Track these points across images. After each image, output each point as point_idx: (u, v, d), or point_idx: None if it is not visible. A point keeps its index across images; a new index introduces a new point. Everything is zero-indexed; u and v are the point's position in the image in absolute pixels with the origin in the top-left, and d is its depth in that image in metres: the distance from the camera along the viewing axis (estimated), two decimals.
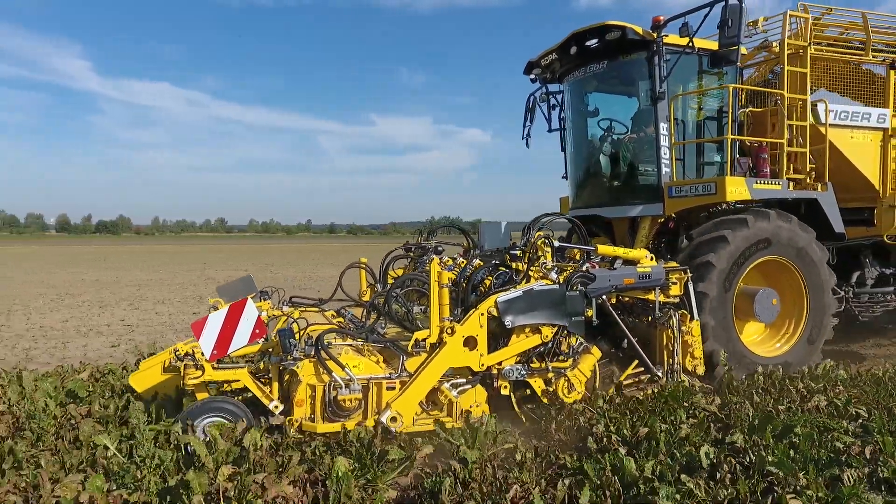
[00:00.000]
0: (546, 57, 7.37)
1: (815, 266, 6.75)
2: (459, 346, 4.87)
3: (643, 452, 3.88)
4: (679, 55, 6.57)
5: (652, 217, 6.99)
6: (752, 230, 6.37)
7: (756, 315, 6.50)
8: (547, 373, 5.15)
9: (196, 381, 4.47)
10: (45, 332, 11.46)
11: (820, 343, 6.82)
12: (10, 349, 9.83)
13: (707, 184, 6.52)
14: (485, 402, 5.05)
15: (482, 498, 3.32)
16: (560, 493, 3.31)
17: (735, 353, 6.28)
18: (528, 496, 3.27)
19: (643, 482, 3.38)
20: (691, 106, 7.46)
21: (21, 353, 9.52)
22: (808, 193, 6.95)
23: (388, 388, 4.74)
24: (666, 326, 5.87)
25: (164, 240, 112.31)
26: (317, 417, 4.56)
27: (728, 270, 6.25)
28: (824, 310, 6.82)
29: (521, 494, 3.30)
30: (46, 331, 11.66)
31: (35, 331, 11.68)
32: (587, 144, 7.72)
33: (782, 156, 6.81)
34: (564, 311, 5.15)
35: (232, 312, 4.54)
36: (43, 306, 15.42)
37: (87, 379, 5.92)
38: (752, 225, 6.37)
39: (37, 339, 10.81)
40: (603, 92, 7.58)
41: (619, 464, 3.56)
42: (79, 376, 5.95)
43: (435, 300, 4.97)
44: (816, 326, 6.80)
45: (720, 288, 6.21)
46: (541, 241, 5.38)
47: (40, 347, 10.00)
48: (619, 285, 5.56)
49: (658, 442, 4.00)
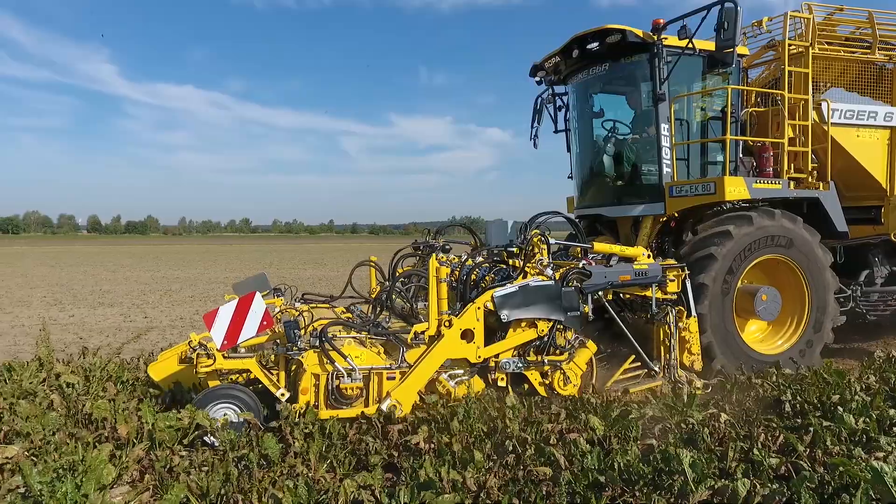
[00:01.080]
0: (549, 60, 7.55)
1: (818, 267, 6.82)
2: (457, 339, 5.10)
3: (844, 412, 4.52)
4: (678, 57, 6.69)
5: (654, 216, 7.12)
6: (755, 227, 6.48)
7: (757, 312, 6.59)
8: (543, 366, 5.35)
9: (208, 369, 4.76)
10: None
11: (820, 343, 6.88)
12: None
13: (707, 183, 6.63)
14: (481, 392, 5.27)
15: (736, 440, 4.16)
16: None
17: (733, 348, 6.39)
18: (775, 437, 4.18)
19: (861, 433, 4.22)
20: (696, 106, 7.58)
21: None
22: (809, 192, 7.01)
23: (389, 377, 4.98)
24: (663, 323, 6.02)
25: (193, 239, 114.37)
26: (320, 405, 4.82)
27: (729, 265, 6.37)
28: (826, 310, 6.88)
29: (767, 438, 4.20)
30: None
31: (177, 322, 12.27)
32: (591, 145, 7.87)
33: (783, 155, 6.89)
34: (560, 307, 5.34)
35: (241, 305, 4.82)
36: (160, 301, 16.09)
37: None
38: (755, 222, 6.48)
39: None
40: (606, 93, 7.72)
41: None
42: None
43: (433, 295, 5.21)
44: (818, 326, 6.87)
45: (720, 282, 6.33)
46: (537, 238, 5.57)
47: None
48: (615, 282, 5.72)
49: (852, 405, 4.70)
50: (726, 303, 6.42)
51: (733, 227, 6.40)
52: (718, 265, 6.30)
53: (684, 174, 7.14)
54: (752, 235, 6.47)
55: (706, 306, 6.24)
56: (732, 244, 6.36)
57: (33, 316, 13.36)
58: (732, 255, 6.39)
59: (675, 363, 5.98)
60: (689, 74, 7.22)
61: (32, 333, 10.61)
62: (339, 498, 3.39)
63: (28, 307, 14.98)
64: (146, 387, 5.59)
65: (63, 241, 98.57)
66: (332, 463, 3.95)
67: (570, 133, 8.28)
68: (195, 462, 3.93)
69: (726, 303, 6.42)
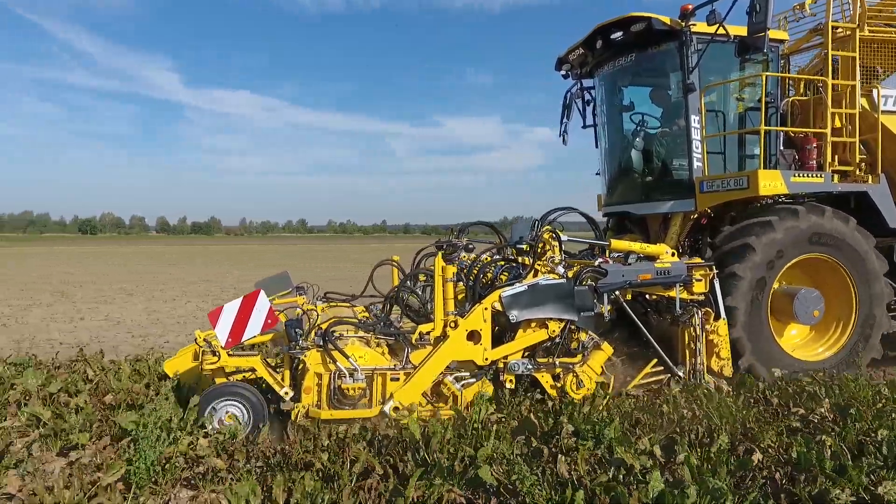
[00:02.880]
0: (573, 52, 7.29)
1: (871, 275, 6.33)
2: (462, 340, 4.97)
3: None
4: (707, 44, 6.31)
5: (684, 213, 6.76)
6: (801, 222, 6.09)
7: (795, 315, 6.14)
8: (555, 368, 5.14)
9: (212, 366, 4.81)
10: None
11: (868, 354, 6.36)
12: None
13: (739, 178, 6.24)
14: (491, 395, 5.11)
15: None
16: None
17: (766, 349, 5.99)
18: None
19: None
20: (734, 97, 7.15)
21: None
22: (855, 186, 6.49)
23: (393, 378, 4.90)
24: (688, 325, 5.70)
25: (254, 239, 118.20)
26: (322, 405, 4.79)
27: (768, 259, 5.97)
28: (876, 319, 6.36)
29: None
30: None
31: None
32: (618, 139, 7.56)
33: (826, 147, 6.40)
34: (572, 306, 5.12)
35: (245, 303, 4.85)
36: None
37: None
38: (802, 217, 6.09)
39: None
40: (633, 85, 7.40)
41: None
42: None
43: (439, 294, 5.09)
44: (866, 335, 6.35)
45: (756, 275, 5.94)
46: (548, 235, 5.36)
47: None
48: (633, 281, 5.45)
49: None
50: (762, 299, 6.01)
51: (777, 220, 6.01)
52: (756, 256, 5.92)
53: (720, 169, 6.74)
54: (797, 231, 6.04)
55: (738, 299, 5.86)
56: (773, 237, 5.97)
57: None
58: (773, 249, 5.98)
59: (702, 368, 5.65)
60: (724, 63, 6.82)
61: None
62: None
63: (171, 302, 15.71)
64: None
65: (135, 240, 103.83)
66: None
67: (597, 128, 7.98)
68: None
69: (762, 299, 6.01)
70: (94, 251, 52.44)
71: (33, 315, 13.27)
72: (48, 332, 10.94)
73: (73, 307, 14.62)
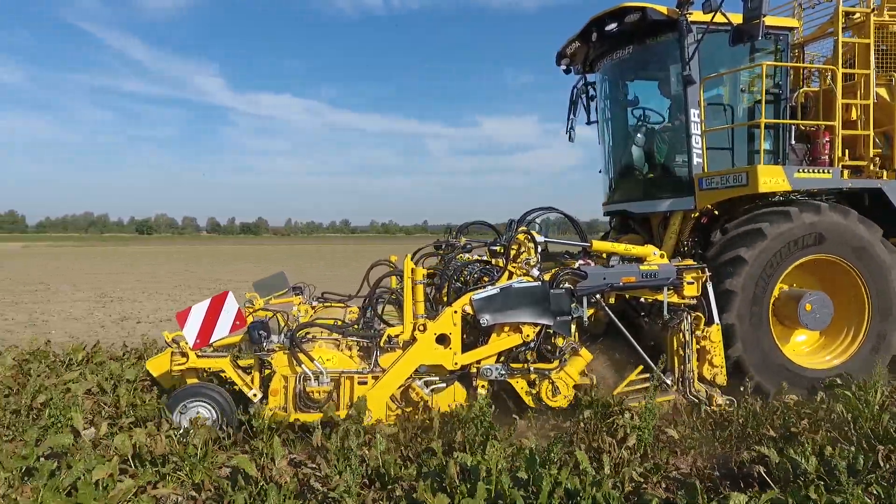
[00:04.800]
0: (570, 46, 7.04)
1: (881, 269, 5.86)
2: (431, 344, 4.85)
3: None
4: (704, 33, 5.98)
5: (683, 212, 6.44)
6: (794, 224, 5.66)
7: (801, 321, 5.76)
8: (529, 374, 4.97)
9: (181, 367, 4.84)
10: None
11: (885, 358, 5.89)
12: None
13: (738, 174, 5.89)
14: (464, 402, 4.98)
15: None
16: None
17: (772, 364, 5.61)
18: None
19: None
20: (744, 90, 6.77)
21: None
22: (868, 182, 6.03)
23: (361, 382, 4.83)
24: (677, 330, 5.41)
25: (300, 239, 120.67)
26: (289, 407, 4.76)
27: (763, 269, 5.61)
28: (890, 318, 5.89)
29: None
30: None
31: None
32: (617, 135, 7.27)
33: (837, 140, 5.98)
34: (548, 310, 4.93)
35: (214, 304, 4.87)
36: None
37: None
38: (795, 218, 5.67)
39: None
40: (631, 79, 7.09)
41: None
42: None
43: (408, 297, 4.99)
44: (881, 338, 5.90)
45: (752, 288, 5.58)
46: (523, 236, 5.18)
47: None
48: (615, 284, 5.21)
49: None
50: (762, 311, 5.65)
51: (767, 226, 5.62)
52: (749, 269, 5.55)
53: (727, 165, 6.38)
54: (791, 234, 5.64)
55: (735, 316, 5.52)
56: (766, 245, 5.59)
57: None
58: (767, 258, 5.61)
59: (691, 376, 5.35)
60: (733, 54, 6.46)
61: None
62: None
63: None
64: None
65: (189, 240, 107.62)
66: None
67: (599, 124, 7.71)
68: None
69: (762, 311, 5.65)
70: (187, 250, 54.69)
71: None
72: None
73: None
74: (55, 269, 30.89)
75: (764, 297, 5.63)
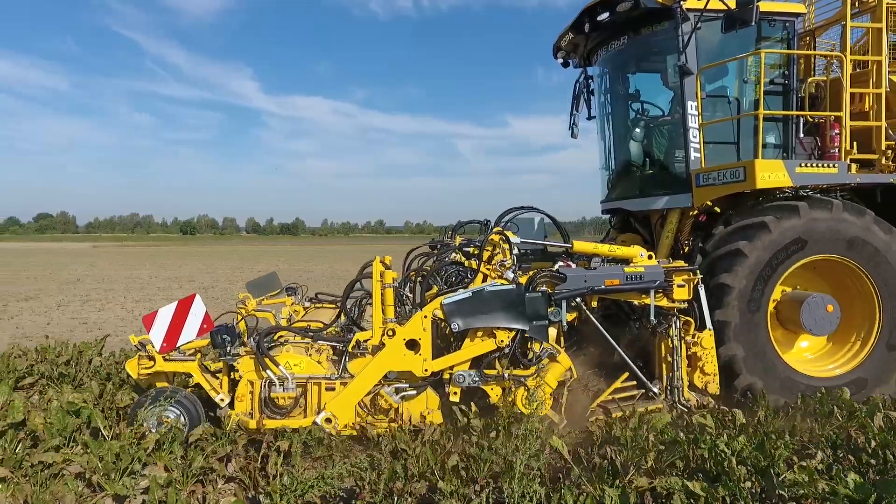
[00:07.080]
0: (564, 37, 6.78)
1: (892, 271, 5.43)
2: (400, 350, 4.69)
3: None
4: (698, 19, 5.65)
5: (680, 210, 6.12)
6: (802, 220, 5.32)
7: (804, 325, 5.39)
8: (504, 380, 4.75)
9: (148, 371, 4.81)
10: None
11: None
12: None
13: (735, 169, 5.54)
14: (437, 409, 4.81)
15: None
16: None
17: (769, 367, 5.27)
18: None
19: None
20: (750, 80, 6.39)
21: None
22: (877, 177, 5.60)
23: (328, 388, 4.71)
24: (665, 335, 5.13)
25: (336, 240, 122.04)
26: (255, 413, 4.67)
27: (764, 265, 5.27)
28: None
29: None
30: None
31: None
32: (614, 130, 6.97)
33: (843, 132, 5.57)
34: (523, 314, 4.71)
35: (181, 307, 4.82)
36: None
37: None
38: (804, 214, 5.33)
39: None
40: (627, 71, 6.78)
41: None
42: None
43: (377, 301, 4.85)
44: (893, 346, 5.47)
45: (751, 284, 5.25)
46: (497, 237, 4.97)
47: None
48: (597, 287, 4.95)
49: None
50: (759, 311, 5.31)
51: (772, 220, 5.28)
52: (748, 263, 5.23)
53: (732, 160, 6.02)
54: (798, 230, 5.28)
55: (729, 312, 5.20)
56: (769, 239, 5.25)
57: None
58: (769, 253, 5.27)
59: (680, 384, 5.06)
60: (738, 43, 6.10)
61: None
62: None
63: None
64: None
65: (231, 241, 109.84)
66: None
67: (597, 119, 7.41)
68: None
69: (759, 311, 5.31)
70: (255, 250, 55.40)
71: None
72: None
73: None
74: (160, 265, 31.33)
75: (763, 297, 5.29)
